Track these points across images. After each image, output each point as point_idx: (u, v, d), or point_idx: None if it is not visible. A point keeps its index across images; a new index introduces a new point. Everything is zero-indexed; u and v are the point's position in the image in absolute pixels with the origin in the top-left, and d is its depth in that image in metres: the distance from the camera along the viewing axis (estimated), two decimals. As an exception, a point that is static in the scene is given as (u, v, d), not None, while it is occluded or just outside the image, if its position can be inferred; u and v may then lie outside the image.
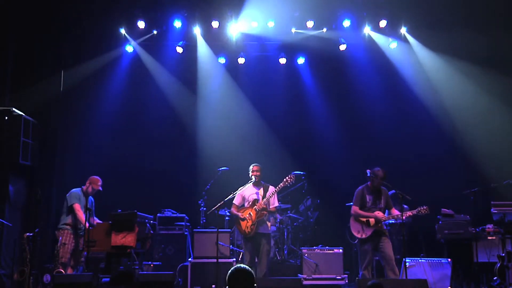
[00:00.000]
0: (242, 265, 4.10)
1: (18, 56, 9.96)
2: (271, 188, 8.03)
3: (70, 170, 10.32)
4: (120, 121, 10.87)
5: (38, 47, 10.07)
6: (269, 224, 8.08)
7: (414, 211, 7.58)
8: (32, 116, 9.86)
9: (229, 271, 4.05)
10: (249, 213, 7.90)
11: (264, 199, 7.89)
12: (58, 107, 10.54)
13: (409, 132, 10.58)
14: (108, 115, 10.77)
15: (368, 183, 7.90)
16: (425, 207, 7.56)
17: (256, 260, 7.95)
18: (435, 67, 10.47)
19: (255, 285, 4.03)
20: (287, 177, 7.92)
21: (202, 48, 10.79)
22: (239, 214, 7.96)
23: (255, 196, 8.01)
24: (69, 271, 8.20)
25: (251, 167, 8.12)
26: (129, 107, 10.97)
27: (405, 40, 10.52)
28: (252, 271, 4.06)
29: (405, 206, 8.00)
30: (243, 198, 8.09)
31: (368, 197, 7.84)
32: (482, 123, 10.20)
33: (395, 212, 7.79)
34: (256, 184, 8.09)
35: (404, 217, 7.47)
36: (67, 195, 8.48)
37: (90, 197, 8.58)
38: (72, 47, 10.39)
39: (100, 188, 8.60)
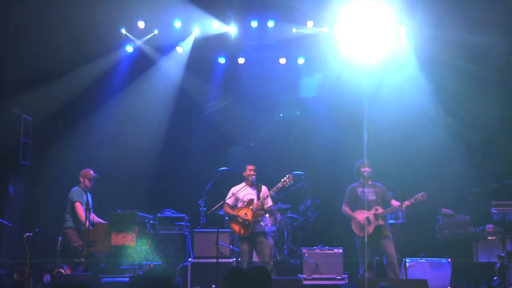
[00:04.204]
0: (238, 266, 4.10)
1: (18, 56, 9.95)
2: (265, 189, 8.02)
3: (69, 170, 10.30)
4: (120, 120, 10.86)
5: (37, 47, 10.07)
6: (262, 224, 8.04)
7: (412, 200, 7.55)
8: (32, 116, 9.85)
9: (227, 271, 4.03)
10: (245, 212, 7.84)
11: (260, 200, 7.86)
12: (58, 107, 10.54)
13: (409, 131, 10.54)
14: (108, 114, 10.76)
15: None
16: (422, 193, 7.53)
17: (256, 259, 7.91)
18: (435, 66, 10.45)
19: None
20: (285, 177, 7.86)
21: (203, 48, 10.79)
22: (236, 213, 7.88)
23: (250, 196, 7.95)
24: (68, 271, 8.17)
25: (247, 166, 8.09)
26: (129, 107, 10.95)
27: (404, 39, 10.51)
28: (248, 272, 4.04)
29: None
30: (237, 198, 8.02)
31: (359, 190, 7.89)
32: (482, 122, 10.19)
33: (396, 203, 7.76)
34: (251, 184, 8.04)
35: (403, 208, 7.47)
36: (69, 194, 8.46)
37: (89, 194, 8.55)
38: (71, 47, 10.38)
39: (95, 175, 8.55)
